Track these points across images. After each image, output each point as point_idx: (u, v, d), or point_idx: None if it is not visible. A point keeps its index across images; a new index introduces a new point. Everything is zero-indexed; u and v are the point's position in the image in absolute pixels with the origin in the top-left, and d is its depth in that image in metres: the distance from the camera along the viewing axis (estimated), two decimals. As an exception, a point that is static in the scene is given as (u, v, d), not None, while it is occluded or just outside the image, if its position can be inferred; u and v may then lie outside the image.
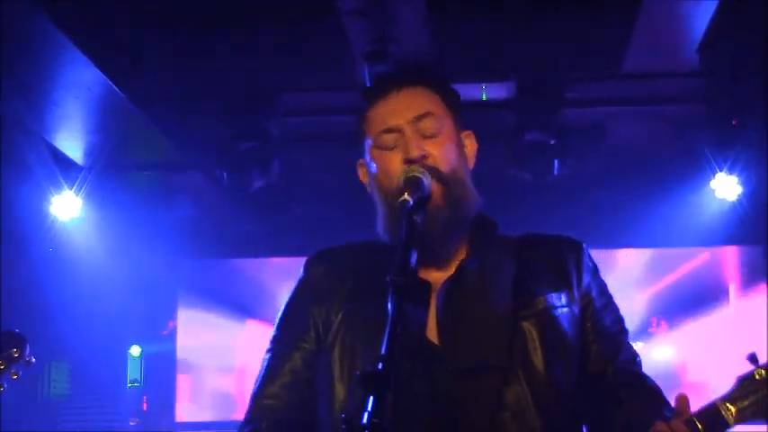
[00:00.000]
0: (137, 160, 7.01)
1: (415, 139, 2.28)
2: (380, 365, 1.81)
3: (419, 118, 2.31)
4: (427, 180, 2.19)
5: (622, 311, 2.42)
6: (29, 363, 3.60)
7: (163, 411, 8.12)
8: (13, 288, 6.72)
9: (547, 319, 2.26)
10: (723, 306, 7.95)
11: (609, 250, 7.65)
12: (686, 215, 7.33)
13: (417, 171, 2.20)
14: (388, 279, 1.95)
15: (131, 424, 7.93)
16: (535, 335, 2.24)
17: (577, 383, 2.28)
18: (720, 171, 6.61)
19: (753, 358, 2.13)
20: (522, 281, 2.31)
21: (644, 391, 2.31)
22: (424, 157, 2.26)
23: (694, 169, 6.78)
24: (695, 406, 2.10)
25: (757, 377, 2.12)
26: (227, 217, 7.81)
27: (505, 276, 2.32)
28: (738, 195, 6.77)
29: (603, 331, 2.35)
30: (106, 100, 5.71)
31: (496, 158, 6.18)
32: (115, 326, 7.85)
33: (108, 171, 6.85)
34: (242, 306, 8.07)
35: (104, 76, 5.34)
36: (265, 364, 2.39)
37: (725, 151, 6.47)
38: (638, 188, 7.39)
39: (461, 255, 2.34)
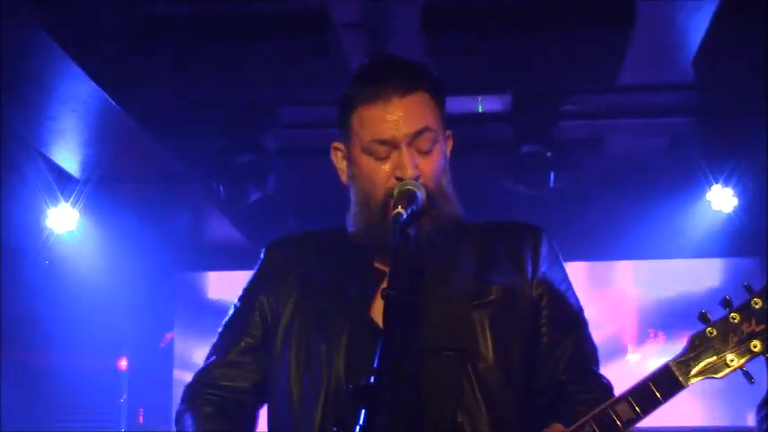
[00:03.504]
0: (133, 173, 7.00)
1: (411, 158, 2.26)
2: (373, 379, 1.81)
3: (418, 134, 2.28)
4: (421, 194, 2.20)
5: (620, 323, 2.43)
6: None
7: (159, 424, 8.10)
8: (9, 301, 6.70)
9: (498, 310, 2.27)
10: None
11: (605, 262, 7.66)
12: (682, 227, 7.33)
13: (412, 185, 2.21)
14: (382, 294, 1.95)
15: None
16: (486, 324, 2.25)
17: (531, 372, 2.29)
18: (716, 183, 6.61)
19: (703, 317, 2.12)
20: (478, 270, 2.32)
21: (589, 386, 2.31)
22: (418, 176, 2.25)
23: (690, 181, 6.78)
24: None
25: (708, 335, 2.10)
26: (224, 229, 7.81)
27: (463, 264, 2.33)
28: (734, 207, 6.77)
29: (557, 322, 2.34)
30: (102, 113, 5.70)
31: (493, 171, 6.19)
32: (111, 338, 7.84)
33: (104, 184, 6.83)
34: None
35: (101, 90, 5.34)
36: (217, 341, 2.55)
37: (721, 163, 6.49)
38: (635, 200, 7.40)
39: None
